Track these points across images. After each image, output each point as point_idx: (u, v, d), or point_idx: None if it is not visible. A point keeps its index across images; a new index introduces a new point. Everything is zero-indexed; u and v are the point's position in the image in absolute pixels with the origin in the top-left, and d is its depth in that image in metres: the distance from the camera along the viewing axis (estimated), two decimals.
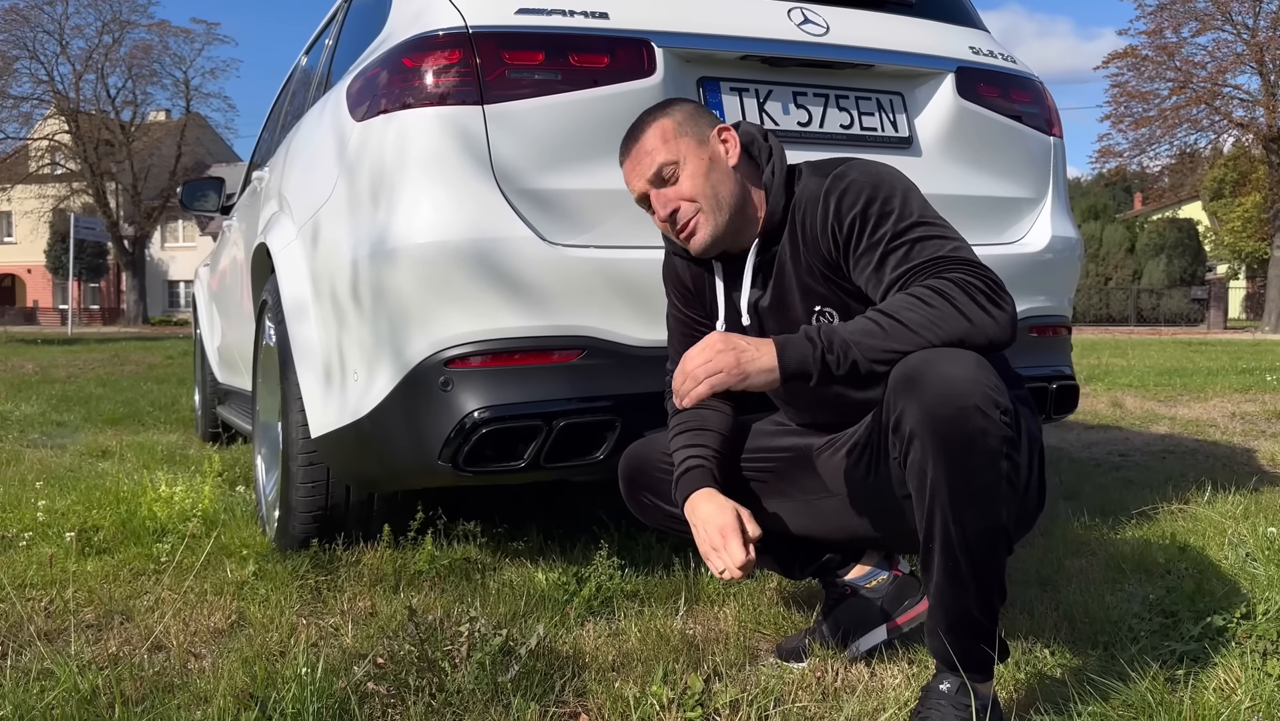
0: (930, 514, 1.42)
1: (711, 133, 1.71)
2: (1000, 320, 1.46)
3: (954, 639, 1.45)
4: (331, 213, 2.31)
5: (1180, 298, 29.76)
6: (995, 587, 1.46)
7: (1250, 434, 5.04)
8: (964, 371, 1.40)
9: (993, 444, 1.39)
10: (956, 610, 1.45)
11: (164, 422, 5.88)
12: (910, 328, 1.44)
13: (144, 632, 2.03)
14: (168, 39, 35.46)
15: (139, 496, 3.04)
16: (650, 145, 1.70)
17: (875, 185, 1.62)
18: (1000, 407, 1.39)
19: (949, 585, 1.44)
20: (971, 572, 1.42)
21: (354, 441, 2.27)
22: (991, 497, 1.41)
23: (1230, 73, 24.88)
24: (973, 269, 1.50)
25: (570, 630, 2.00)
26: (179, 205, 4.91)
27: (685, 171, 1.68)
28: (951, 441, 1.38)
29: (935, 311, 1.45)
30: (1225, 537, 2.63)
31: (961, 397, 1.38)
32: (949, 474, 1.39)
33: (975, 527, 1.41)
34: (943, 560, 1.43)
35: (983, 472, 1.39)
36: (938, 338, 1.44)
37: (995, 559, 1.44)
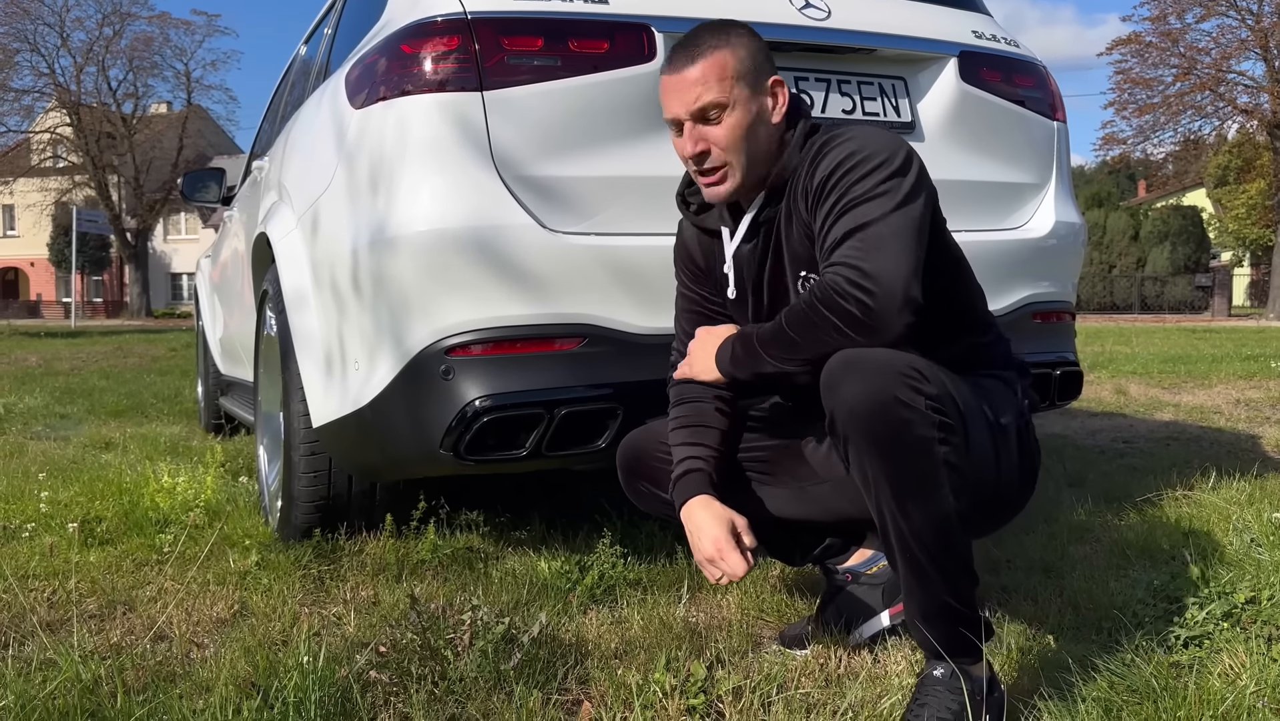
0: (879, 510, 1.43)
1: (768, 82, 1.63)
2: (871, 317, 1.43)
3: (932, 627, 1.45)
4: (331, 201, 2.30)
5: (1184, 285, 29.67)
6: (960, 572, 1.45)
7: (1255, 420, 5.02)
8: (879, 365, 1.39)
9: (921, 432, 1.37)
10: (927, 600, 1.45)
11: (167, 414, 5.88)
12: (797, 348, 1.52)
13: (147, 622, 2.03)
14: (168, 31, 35.43)
15: (142, 487, 3.04)
16: (704, 75, 1.58)
17: (849, 148, 1.56)
18: (924, 394, 1.38)
19: (912, 577, 1.44)
20: (930, 562, 1.42)
21: (355, 430, 2.27)
22: (931, 485, 1.39)
23: (1235, 59, 24.77)
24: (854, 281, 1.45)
25: (573, 618, 2.00)
26: (180, 197, 4.90)
27: (730, 119, 1.59)
28: (878, 437, 1.38)
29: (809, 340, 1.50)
30: (1230, 523, 2.62)
31: (879, 392, 1.38)
32: (884, 469, 1.39)
33: (921, 517, 1.40)
34: (900, 554, 1.44)
35: (917, 462, 1.38)
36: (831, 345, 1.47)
37: (950, 545, 1.43)
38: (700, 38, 1.63)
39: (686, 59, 1.61)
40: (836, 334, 1.45)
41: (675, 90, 1.61)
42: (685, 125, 1.62)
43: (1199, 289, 28.67)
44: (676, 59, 1.63)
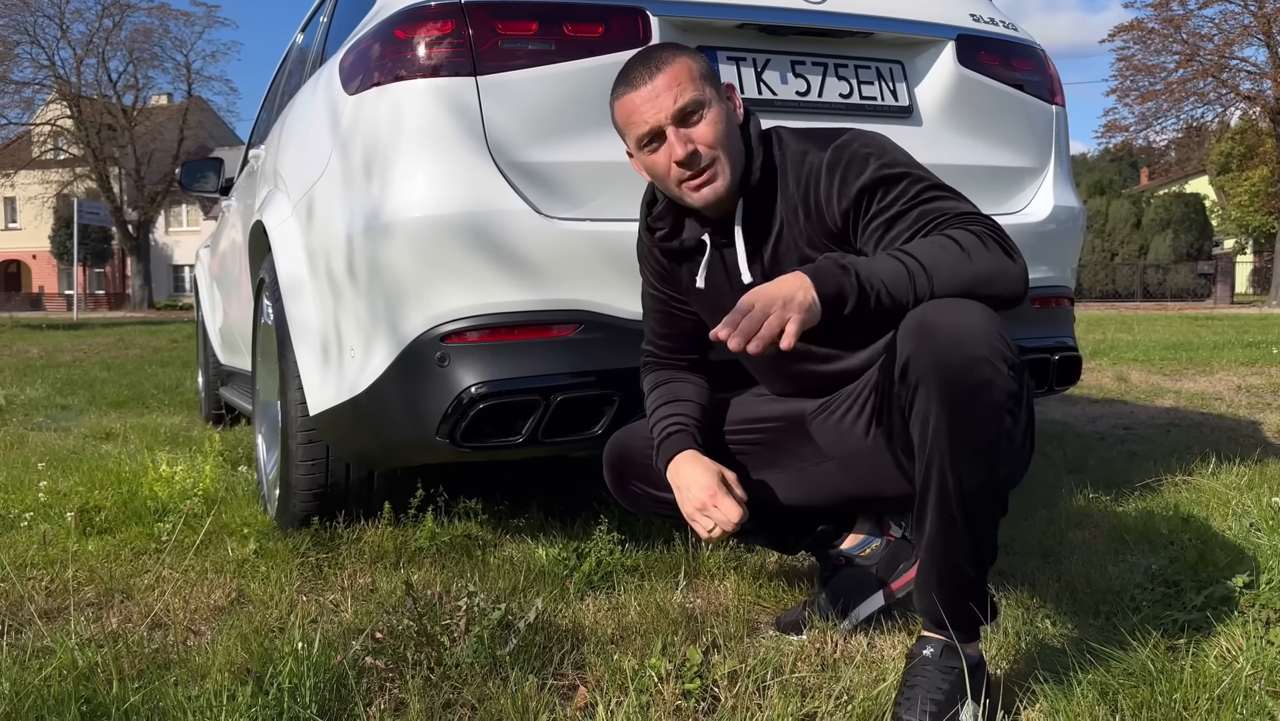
0: (929, 463, 1.42)
1: (723, 86, 1.68)
2: (1016, 270, 1.48)
3: (944, 595, 1.45)
4: (326, 188, 2.30)
5: (1187, 272, 29.63)
6: (987, 544, 1.46)
7: (1256, 406, 5.01)
8: (977, 322, 1.39)
9: (998, 396, 1.38)
10: (948, 565, 1.44)
11: (168, 405, 5.88)
12: (931, 272, 1.44)
13: (144, 610, 2.03)
14: (168, 22, 35.38)
15: (140, 476, 3.04)
16: (674, 78, 1.59)
17: (879, 155, 1.60)
18: (1008, 362, 1.38)
19: (942, 538, 1.44)
20: (966, 526, 1.42)
21: (352, 418, 2.26)
22: (991, 451, 1.40)
23: (1237, 45, 24.69)
24: (987, 223, 1.51)
25: (569, 604, 1.99)
26: (179, 187, 4.89)
27: (711, 114, 1.61)
28: (958, 389, 1.37)
29: (956, 256, 1.45)
30: (1229, 508, 2.61)
31: (972, 346, 1.37)
32: (951, 423, 1.38)
33: (972, 480, 1.40)
34: (937, 511, 1.43)
35: (985, 425, 1.38)
36: (957, 284, 1.43)
37: (989, 514, 1.44)
38: (653, 54, 1.65)
39: (648, 72, 1.61)
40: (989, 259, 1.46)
41: (647, 101, 1.60)
42: (668, 131, 1.60)
43: (1201, 276, 28.63)
44: (635, 76, 1.62)
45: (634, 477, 1.86)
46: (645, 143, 1.63)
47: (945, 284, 1.43)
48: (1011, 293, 1.48)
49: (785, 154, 1.68)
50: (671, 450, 1.70)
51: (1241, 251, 37.51)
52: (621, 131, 1.69)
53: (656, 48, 1.68)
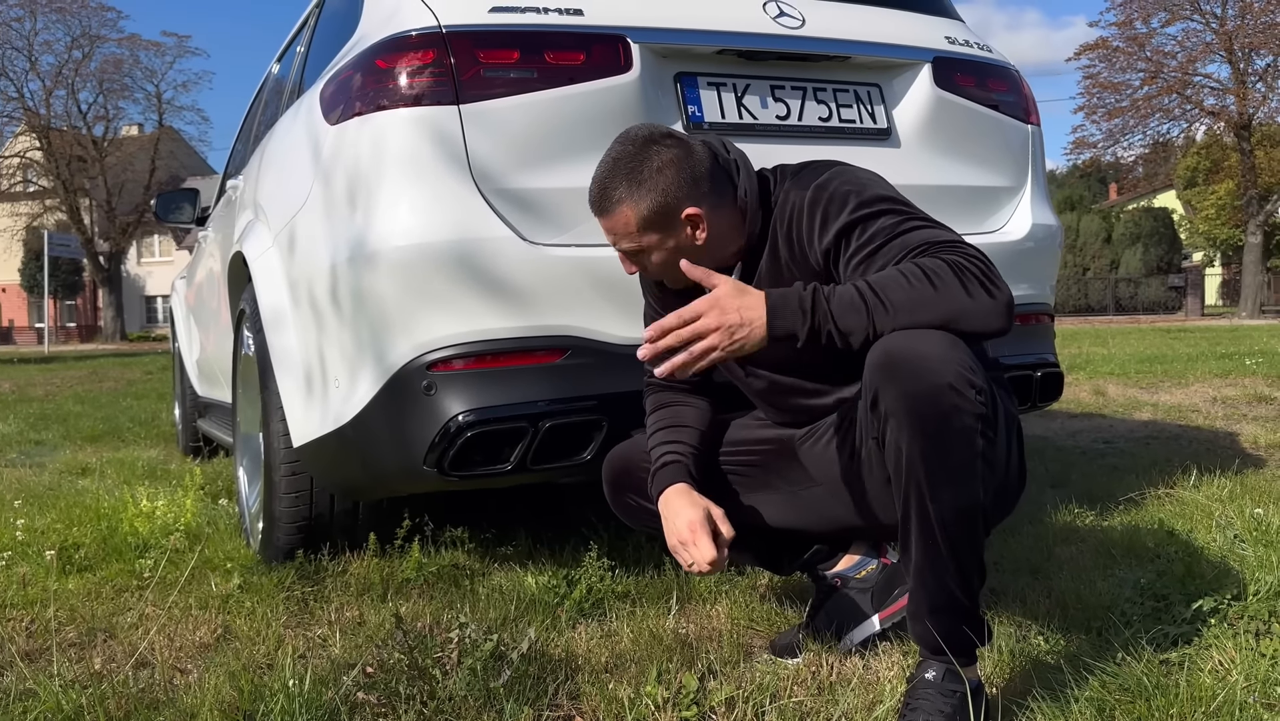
0: (907, 493, 1.43)
1: (682, 216, 1.63)
2: (991, 304, 1.44)
3: (937, 621, 1.45)
4: (308, 218, 2.29)
5: (1158, 286, 29.99)
6: (975, 567, 1.46)
7: (1232, 417, 5.07)
8: (938, 350, 1.40)
9: (967, 421, 1.39)
10: (938, 591, 1.45)
11: (144, 438, 5.82)
12: (892, 309, 1.43)
13: (128, 650, 2.00)
14: (138, 53, 35.22)
15: (120, 512, 3.00)
16: (612, 228, 1.67)
17: (859, 192, 1.60)
18: (974, 386, 1.40)
19: (929, 565, 1.44)
20: (950, 551, 1.42)
21: (337, 449, 2.24)
22: (968, 475, 1.41)
23: (1200, 62, 25.14)
24: (966, 252, 1.49)
25: (562, 633, 1.98)
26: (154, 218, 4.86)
27: (653, 258, 1.67)
28: (926, 419, 1.39)
29: (920, 292, 1.43)
30: (1213, 520, 2.63)
31: (935, 375, 1.38)
32: (925, 451, 1.40)
33: (952, 505, 1.41)
34: (921, 539, 1.43)
35: (958, 450, 1.40)
36: (919, 321, 1.42)
37: (973, 537, 1.45)
38: (607, 188, 1.64)
39: (596, 208, 1.67)
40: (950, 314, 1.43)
41: (601, 225, 1.70)
42: (619, 254, 1.71)
43: (1172, 289, 28.98)
44: (592, 201, 1.68)
45: (632, 491, 1.85)
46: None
47: (904, 320, 1.43)
48: (986, 328, 1.45)
49: (779, 199, 1.69)
50: (664, 482, 1.71)
51: (1210, 264, 38.06)
52: None
53: (619, 169, 1.64)
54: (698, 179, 1.64)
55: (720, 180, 1.68)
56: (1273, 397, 5.83)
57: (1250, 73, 24.60)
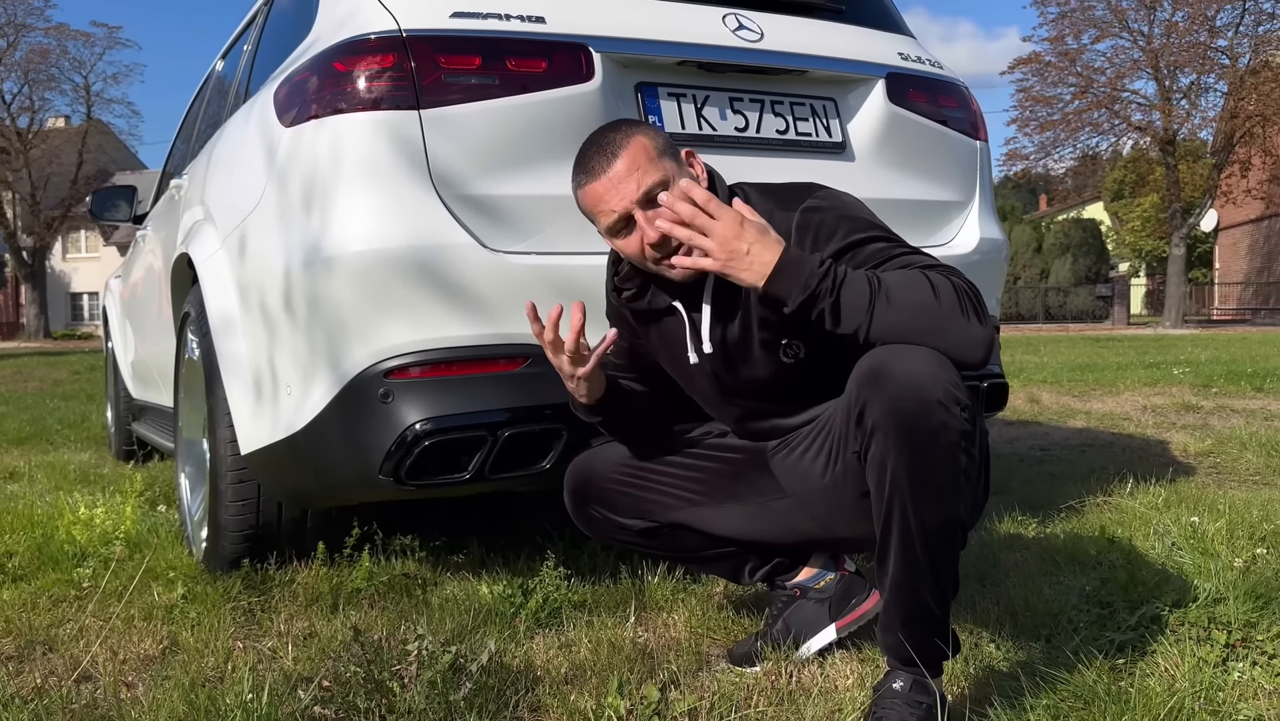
0: (890, 506, 1.44)
1: (684, 153, 1.65)
2: (980, 333, 1.46)
3: (910, 633, 1.47)
4: (260, 221, 2.24)
5: (1086, 295, 30.77)
6: (950, 580, 1.49)
7: (1162, 425, 5.23)
8: (928, 366, 1.42)
9: (953, 438, 1.41)
10: (913, 603, 1.47)
11: (74, 441, 5.65)
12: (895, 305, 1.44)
13: (70, 663, 1.94)
14: (66, 43, 34.11)
15: (55, 519, 2.91)
16: (634, 162, 1.56)
17: (851, 218, 1.62)
18: (960, 403, 1.42)
19: (907, 578, 1.46)
20: (929, 565, 1.45)
21: (288, 457, 2.20)
22: (951, 490, 1.43)
23: (1128, 78, 25.81)
24: (966, 280, 1.51)
25: (520, 644, 1.97)
26: (86, 214, 4.73)
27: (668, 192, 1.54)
28: (914, 434, 1.41)
29: (925, 299, 1.45)
30: (1150, 528, 2.71)
31: (926, 391, 1.40)
32: (911, 466, 1.42)
33: (934, 520, 1.44)
34: (901, 553, 1.45)
35: (944, 466, 1.42)
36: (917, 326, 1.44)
37: (952, 551, 1.48)
38: (605, 136, 1.60)
39: (605, 159, 1.58)
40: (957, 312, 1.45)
41: (611, 189, 1.58)
42: (636, 215, 1.57)
43: (1099, 299, 29.76)
44: (593, 164, 1.59)
45: (594, 502, 1.85)
46: (617, 229, 1.61)
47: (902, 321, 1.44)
48: (968, 355, 1.46)
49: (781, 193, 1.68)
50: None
51: (1136, 275, 39.20)
52: (590, 218, 1.65)
53: (609, 128, 1.62)
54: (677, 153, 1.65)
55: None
56: (1199, 406, 6.03)
57: (1175, 90, 25.37)
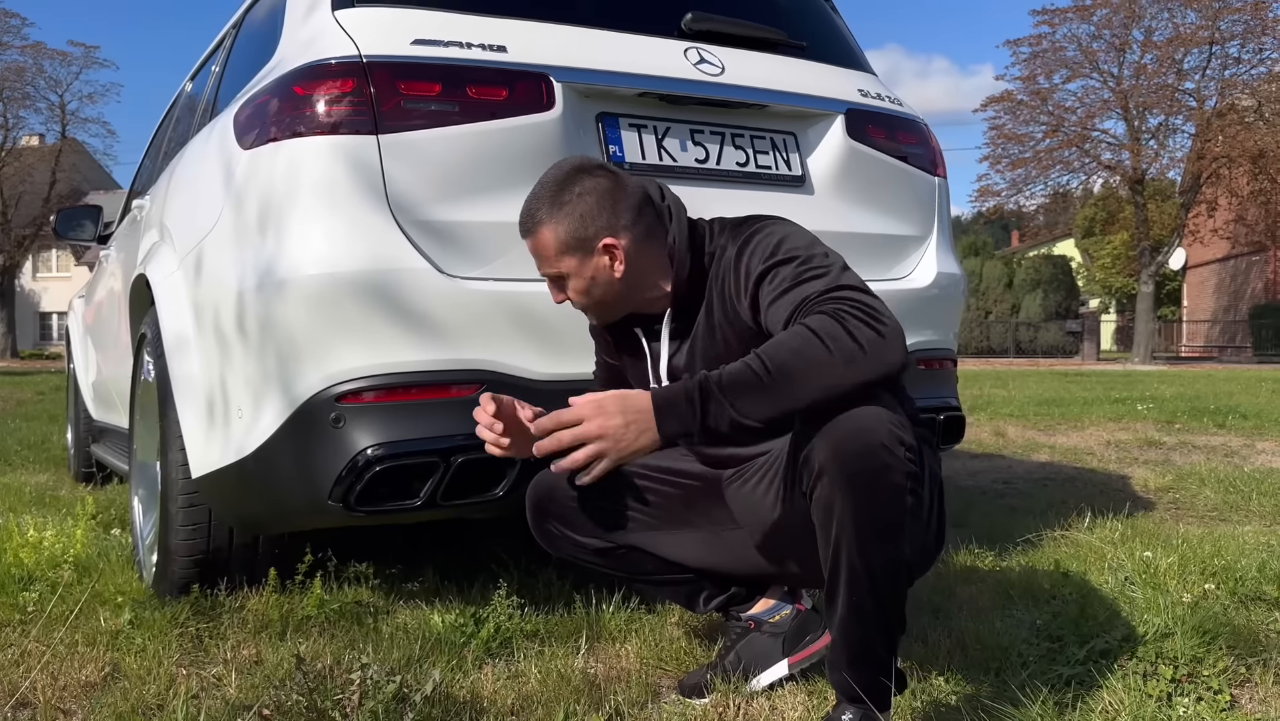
0: (836, 548, 1.44)
1: (599, 245, 1.65)
2: (882, 344, 1.41)
3: (856, 672, 1.47)
4: (216, 243, 2.23)
5: (1056, 330, 31.12)
6: (897, 621, 1.49)
7: (1125, 461, 5.28)
8: (870, 408, 1.43)
9: (898, 479, 1.42)
10: (860, 643, 1.47)
11: (33, 462, 5.56)
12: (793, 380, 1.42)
13: (7, 689, 1.90)
14: (42, 61, 33.90)
15: (4, 542, 2.85)
16: (535, 250, 1.71)
17: (780, 243, 1.63)
18: (905, 444, 1.43)
19: (853, 618, 1.46)
20: (875, 606, 1.45)
21: (238, 481, 2.18)
22: (896, 532, 1.44)
23: (1099, 118, 26.30)
24: (847, 299, 1.47)
25: (468, 674, 1.95)
26: (52, 233, 4.68)
27: (572, 283, 1.70)
28: (859, 476, 1.41)
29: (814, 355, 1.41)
30: (1105, 562, 2.73)
31: (869, 434, 1.41)
32: (855, 508, 1.42)
33: (880, 561, 1.44)
34: (848, 594, 1.45)
35: (888, 507, 1.42)
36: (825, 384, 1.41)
37: (898, 592, 1.48)
38: (533, 210, 1.68)
39: (522, 229, 1.72)
40: (844, 364, 1.39)
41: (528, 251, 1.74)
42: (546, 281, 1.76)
43: (1070, 334, 30.10)
44: (521, 225, 1.71)
45: (554, 518, 1.84)
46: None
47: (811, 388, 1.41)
48: (886, 370, 1.43)
49: (714, 251, 1.71)
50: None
51: (1106, 311, 39.71)
52: None
53: (543, 194, 1.68)
54: (620, 210, 1.66)
55: (650, 219, 1.70)
56: (1162, 442, 6.09)
57: (1144, 130, 25.87)
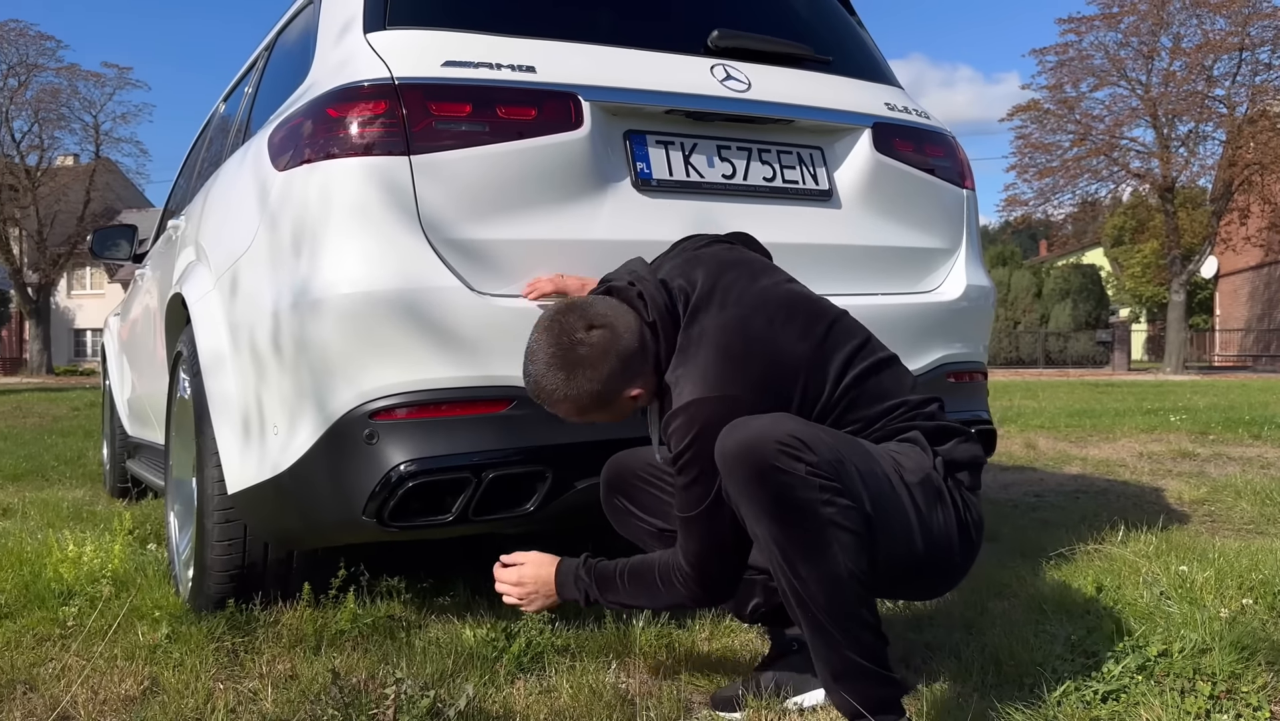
0: (776, 574, 1.49)
1: (624, 397, 1.71)
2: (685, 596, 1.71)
3: (846, 687, 1.49)
4: (252, 263, 2.27)
5: (1086, 340, 30.82)
6: (862, 629, 1.49)
7: (1158, 473, 5.22)
8: (756, 438, 1.46)
9: (802, 495, 1.43)
10: (835, 659, 1.49)
11: (70, 477, 5.65)
12: (634, 594, 1.78)
13: (49, 702, 1.93)
14: (77, 83, 34.53)
15: (44, 557, 2.91)
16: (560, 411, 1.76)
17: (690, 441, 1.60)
18: (804, 460, 1.44)
19: (817, 637, 1.49)
20: (831, 622, 1.47)
21: (273, 497, 2.21)
22: (819, 545, 1.44)
23: (1127, 126, 26.08)
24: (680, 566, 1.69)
25: (500, 688, 1.96)
26: (88, 252, 4.76)
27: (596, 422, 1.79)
28: (760, 503, 1.45)
29: (653, 588, 1.74)
30: (1140, 576, 2.70)
31: (757, 462, 1.45)
32: (773, 533, 1.46)
33: (813, 577, 1.45)
34: (801, 615, 1.49)
35: (802, 524, 1.44)
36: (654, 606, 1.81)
37: (846, 604, 1.48)
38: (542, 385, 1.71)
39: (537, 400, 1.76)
40: (669, 601, 1.75)
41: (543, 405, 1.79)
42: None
43: (1100, 344, 29.80)
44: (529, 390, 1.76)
45: (620, 494, 1.94)
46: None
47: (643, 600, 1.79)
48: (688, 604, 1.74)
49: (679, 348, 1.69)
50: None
51: (1136, 320, 39.27)
52: None
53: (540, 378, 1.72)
54: (629, 359, 1.68)
55: (648, 344, 1.70)
56: (1195, 453, 6.02)
57: (1173, 138, 25.62)
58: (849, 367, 1.66)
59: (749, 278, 1.74)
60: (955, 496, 1.65)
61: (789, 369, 1.62)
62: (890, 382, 1.71)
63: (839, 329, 1.71)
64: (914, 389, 1.74)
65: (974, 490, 1.71)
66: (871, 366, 1.69)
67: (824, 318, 1.71)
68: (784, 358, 1.62)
